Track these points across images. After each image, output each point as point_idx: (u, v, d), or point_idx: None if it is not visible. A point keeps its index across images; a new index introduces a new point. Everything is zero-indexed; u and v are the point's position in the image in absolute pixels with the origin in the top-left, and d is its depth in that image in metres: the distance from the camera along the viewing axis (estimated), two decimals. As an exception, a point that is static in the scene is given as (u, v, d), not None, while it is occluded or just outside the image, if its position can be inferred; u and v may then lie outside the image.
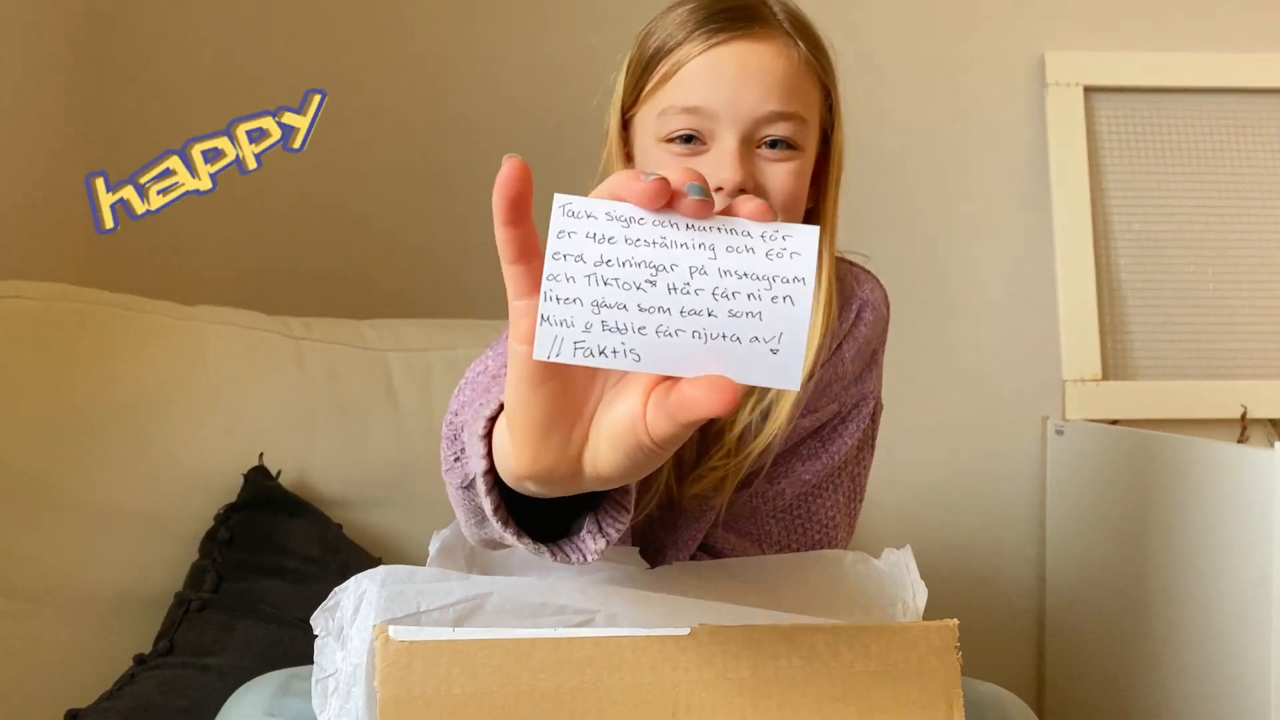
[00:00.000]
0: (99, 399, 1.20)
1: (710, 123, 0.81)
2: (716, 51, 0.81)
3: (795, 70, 0.83)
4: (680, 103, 0.82)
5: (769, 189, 0.82)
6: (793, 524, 0.94)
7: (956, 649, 0.75)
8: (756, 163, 0.82)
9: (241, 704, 0.85)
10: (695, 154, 0.82)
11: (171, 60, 1.65)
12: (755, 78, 0.81)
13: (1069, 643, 1.68)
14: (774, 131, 0.82)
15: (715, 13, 0.82)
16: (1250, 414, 1.69)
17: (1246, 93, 1.78)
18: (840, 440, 0.93)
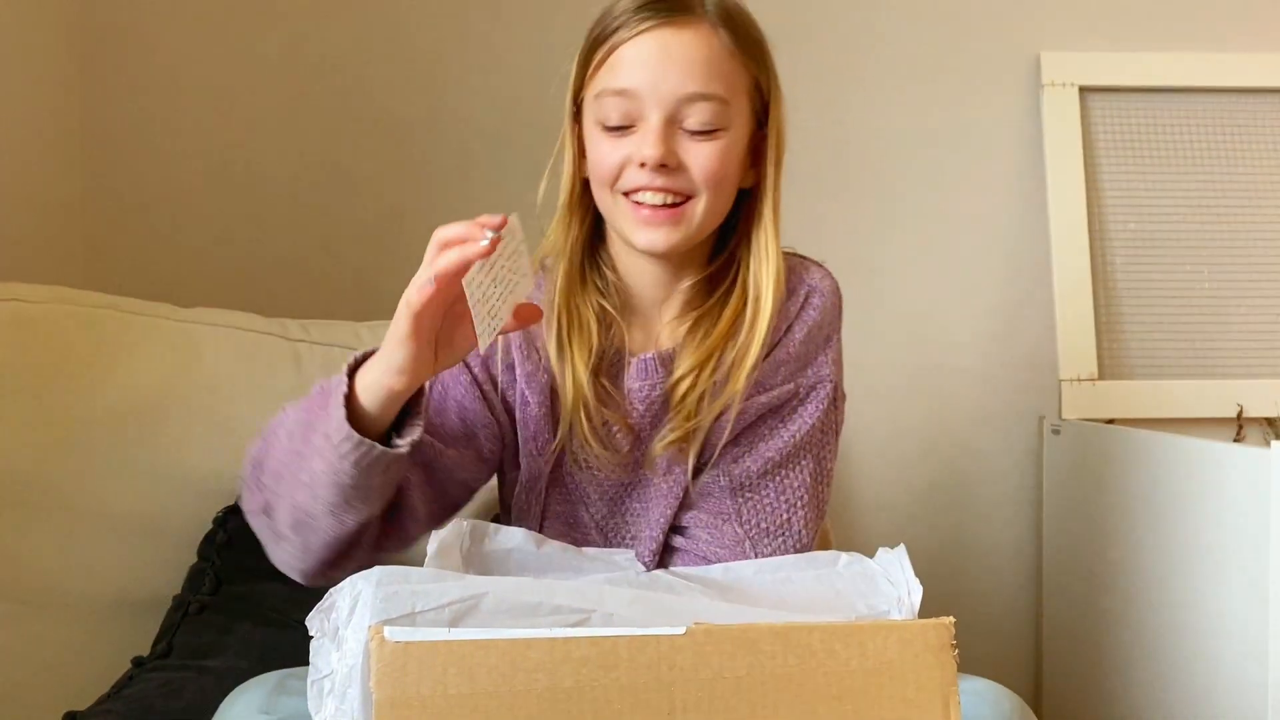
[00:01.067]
0: (95, 401, 1.20)
1: (637, 104, 0.89)
2: (643, 37, 0.89)
3: (716, 55, 0.90)
4: (611, 85, 0.90)
5: (690, 165, 0.90)
6: (759, 501, 0.98)
7: (953, 646, 0.75)
8: (680, 141, 0.90)
9: (237, 703, 0.85)
10: (624, 136, 0.91)
11: (169, 64, 1.65)
12: (676, 61, 0.89)
13: (1066, 641, 1.68)
14: (694, 112, 0.90)
15: (649, 2, 0.90)
16: (1246, 413, 1.70)
17: (1241, 92, 1.78)
18: (800, 419, 0.98)
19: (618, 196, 0.93)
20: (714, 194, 0.92)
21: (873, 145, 1.76)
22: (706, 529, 0.98)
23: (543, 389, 0.98)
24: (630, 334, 0.99)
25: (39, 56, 1.54)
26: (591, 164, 0.94)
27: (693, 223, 0.93)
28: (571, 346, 0.96)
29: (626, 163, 0.91)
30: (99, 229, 1.64)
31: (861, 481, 1.77)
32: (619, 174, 0.92)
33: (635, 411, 0.97)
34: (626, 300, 1.00)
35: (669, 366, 0.97)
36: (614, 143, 0.91)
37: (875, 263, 1.76)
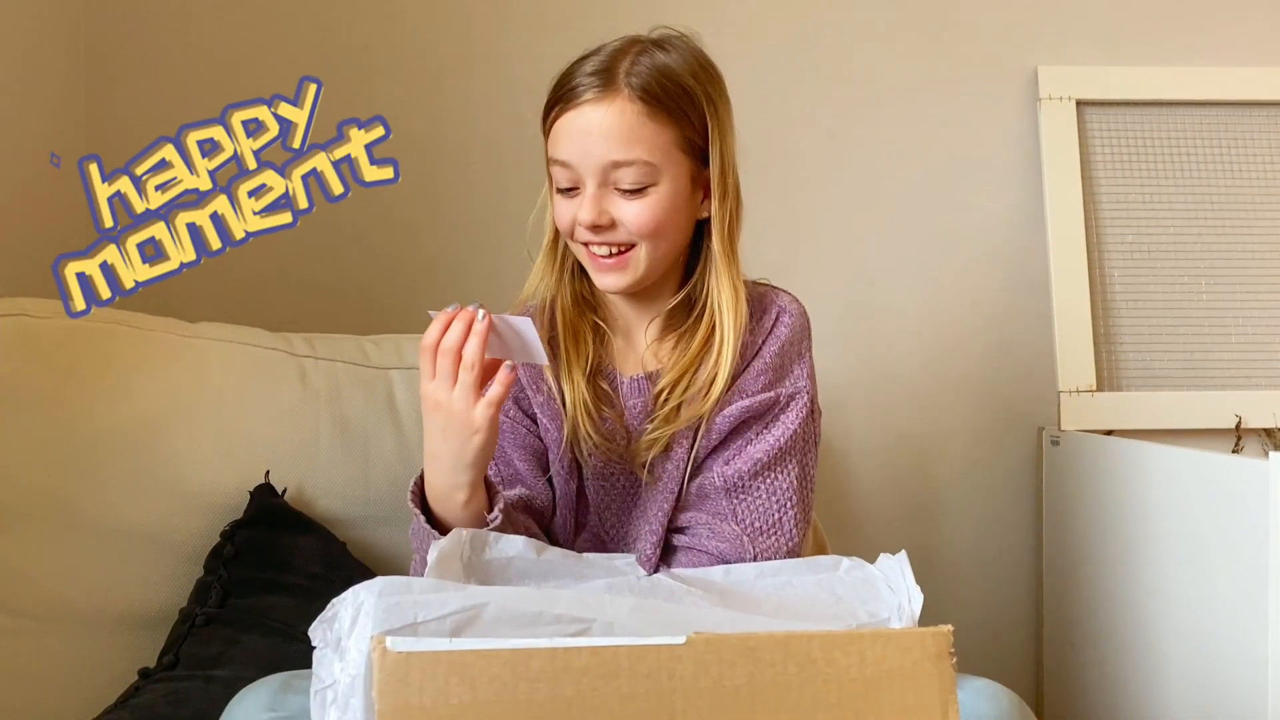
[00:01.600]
0: (102, 416, 1.21)
1: (575, 171, 1.01)
2: (571, 113, 1.01)
3: (631, 124, 0.99)
4: (555, 156, 1.02)
5: (624, 221, 1.01)
6: (753, 501, 1.05)
7: (952, 654, 0.75)
8: (613, 200, 1.01)
9: (244, 702, 0.87)
10: (571, 197, 1.02)
11: (173, 76, 1.66)
12: (596, 135, 0.99)
13: (1066, 650, 1.68)
14: (622, 176, 1.00)
15: (570, 80, 1.01)
16: (1245, 424, 1.70)
17: (1237, 105, 1.79)
18: (783, 425, 1.07)
19: (578, 246, 1.05)
20: (653, 241, 1.03)
21: (871, 158, 1.77)
22: (708, 526, 1.05)
23: (555, 412, 1.08)
24: (618, 350, 1.11)
25: (44, 69, 1.55)
26: (555, 219, 1.06)
27: (640, 266, 1.04)
28: (568, 354, 1.07)
29: (574, 220, 1.02)
30: (105, 245, 1.64)
31: (862, 491, 1.77)
32: (571, 230, 1.03)
33: (630, 419, 1.08)
34: (613, 322, 1.11)
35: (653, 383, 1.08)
36: (565, 202, 1.03)
37: (874, 275, 1.77)
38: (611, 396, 1.08)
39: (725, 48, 1.58)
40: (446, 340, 0.91)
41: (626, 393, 1.08)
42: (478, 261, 1.69)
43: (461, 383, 0.91)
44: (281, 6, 1.68)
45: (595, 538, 1.09)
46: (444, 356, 0.91)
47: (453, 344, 0.91)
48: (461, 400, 0.91)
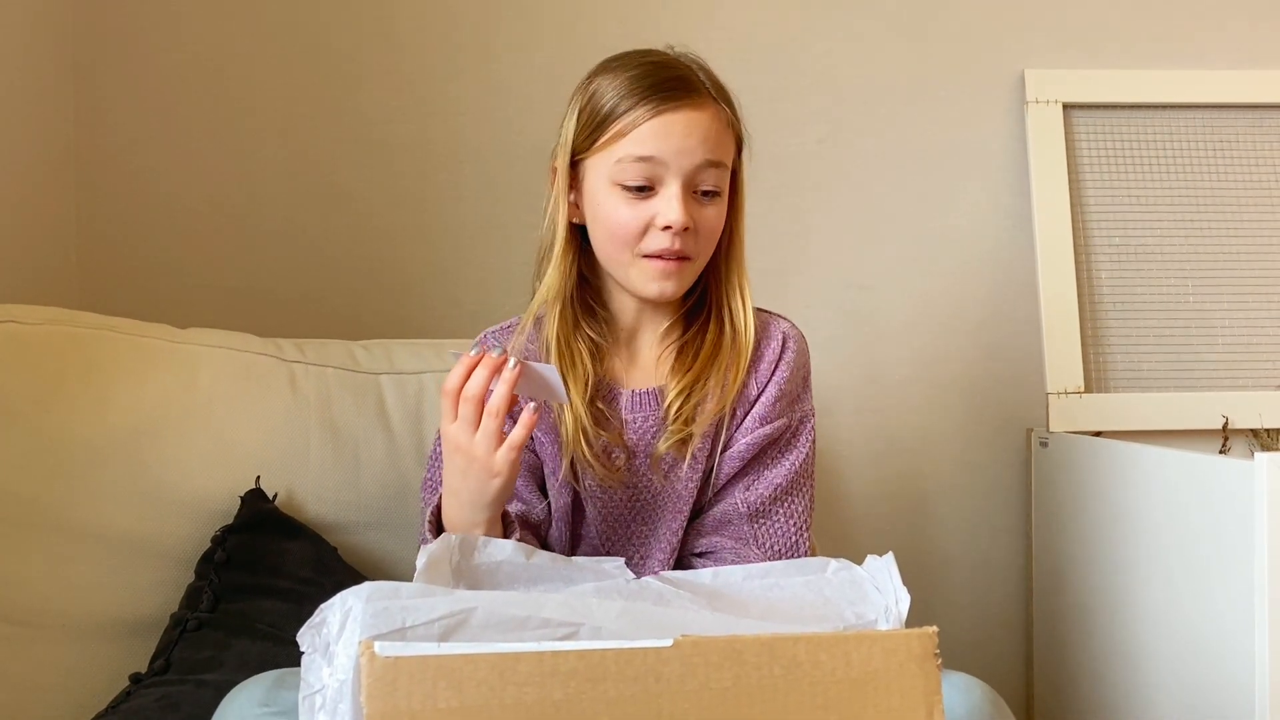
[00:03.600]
0: (92, 422, 1.21)
1: (660, 170, 1.02)
2: (667, 116, 1.02)
3: (720, 127, 1.05)
4: (636, 152, 1.02)
5: (701, 227, 1.04)
6: (773, 526, 1.09)
7: (936, 656, 0.75)
8: (694, 205, 1.04)
9: (237, 698, 0.88)
10: (644, 198, 1.03)
11: (164, 85, 1.66)
12: (697, 136, 1.03)
13: (1055, 651, 1.69)
14: (706, 177, 1.04)
15: (662, 81, 1.03)
16: (1231, 425, 1.71)
17: (1224, 108, 1.79)
18: (797, 449, 1.10)
19: (636, 257, 1.05)
20: (708, 247, 1.07)
21: (860, 164, 1.78)
22: (733, 552, 1.07)
23: (551, 428, 1.09)
24: (619, 364, 1.11)
25: (33, 77, 1.55)
26: (609, 224, 1.05)
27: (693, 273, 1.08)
28: (569, 382, 1.05)
29: (648, 225, 1.03)
30: (94, 250, 1.65)
31: (851, 494, 1.78)
32: (639, 238, 1.04)
33: (631, 435, 1.08)
34: (615, 334, 1.12)
35: (661, 397, 1.09)
36: (633, 204, 1.03)
37: (863, 279, 1.78)
38: (608, 417, 1.08)
39: (714, 53, 1.59)
40: (470, 387, 0.92)
41: (628, 406, 1.09)
42: (467, 267, 1.69)
43: (485, 429, 0.93)
44: (270, 14, 1.68)
45: (595, 552, 1.10)
46: (467, 404, 0.93)
47: (476, 392, 0.92)
48: (484, 446, 0.93)
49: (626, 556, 1.08)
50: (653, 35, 1.17)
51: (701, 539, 1.08)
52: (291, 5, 1.68)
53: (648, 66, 1.05)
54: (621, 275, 1.07)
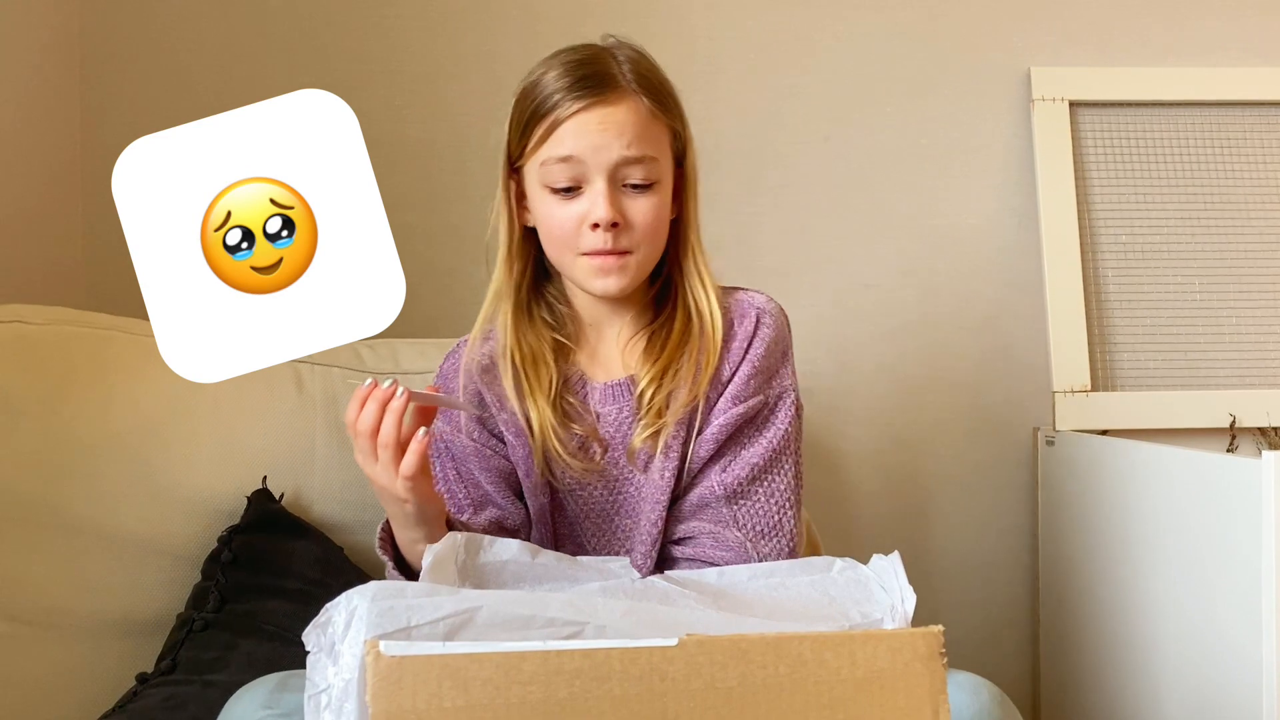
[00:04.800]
0: (98, 422, 1.21)
1: (582, 169, 1.02)
2: (583, 114, 1.02)
3: (642, 120, 1.03)
4: (557, 153, 1.02)
5: (634, 220, 1.03)
6: (753, 506, 1.07)
7: (942, 655, 0.75)
8: (622, 199, 1.03)
9: (241, 701, 0.88)
10: (572, 198, 1.03)
11: (170, 85, 1.67)
12: (612, 132, 1.02)
13: (1062, 651, 1.68)
14: (632, 172, 1.03)
15: (578, 79, 1.03)
16: (1239, 423, 1.70)
17: (1230, 105, 1.79)
18: (775, 426, 1.08)
19: (570, 253, 1.05)
20: (651, 241, 1.06)
21: (865, 161, 1.78)
22: (711, 535, 1.06)
23: (520, 429, 1.08)
24: (585, 359, 1.11)
25: (40, 78, 1.56)
26: (546, 225, 1.06)
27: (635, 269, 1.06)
28: (529, 380, 1.07)
29: (581, 223, 1.03)
30: (100, 250, 1.65)
31: (858, 493, 1.78)
32: (576, 237, 1.04)
33: (607, 428, 1.08)
34: (580, 328, 1.12)
35: (633, 386, 1.08)
36: (564, 205, 1.03)
37: (868, 277, 1.78)
38: (580, 411, 1.08)
39: (718, 51, 1.60)
40: (362, 422, 0.92)
41: (600, 400, 1.09)
42: (472, 266, 1.69)
43: (381, 460, 0.92)
44: (276, 12, 1.68)
45: (579, 549, 1.09)
46: (361, 437, 0.92)
47: (367, 427, 0.91)
48: (384, 477, 0.92)
49: (613, 551, 1.08)
50: (656, 34, 1.17)
51: (679, 525, 1.07)
52: (297, 7, 1.69)
53: (568, 64, 1.05)
54: (569, 274, 1.08)
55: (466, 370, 1.10)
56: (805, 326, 1.24)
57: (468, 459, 1.09)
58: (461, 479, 1.10)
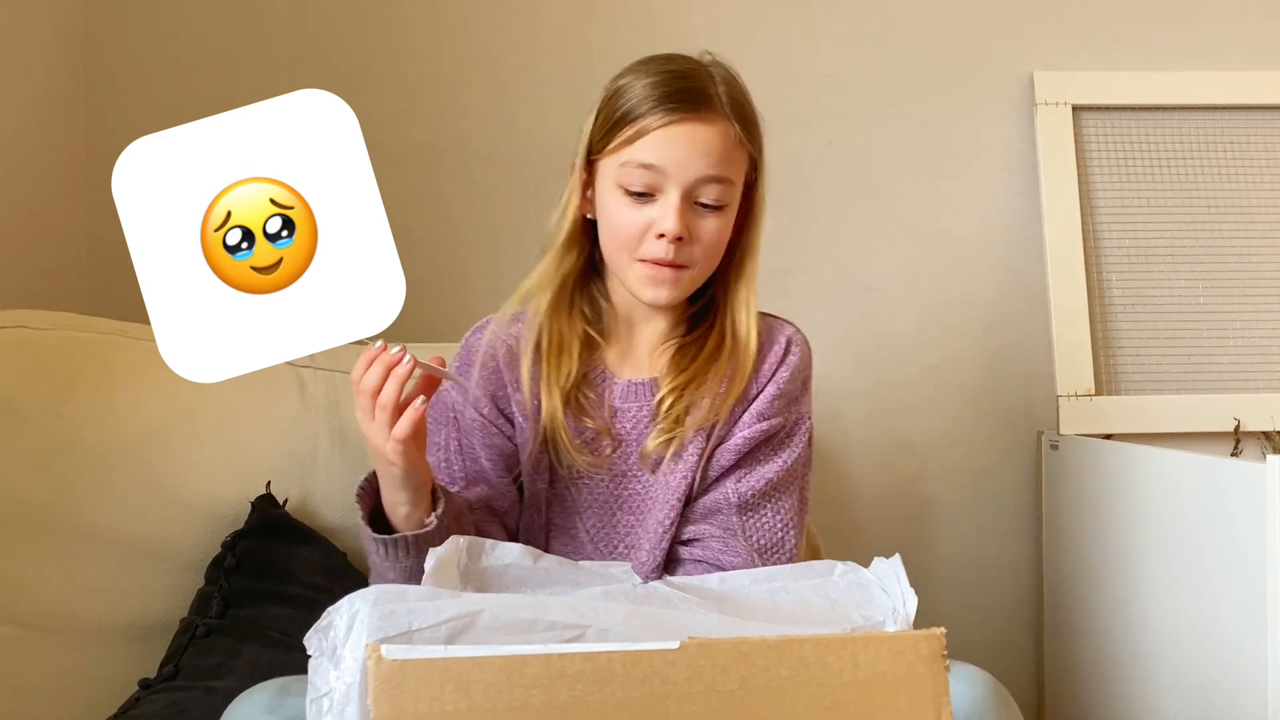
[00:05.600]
0: (102, 426, 1.22)
1: (660, 179, 1.04)
2: (675, 127, 1.04)
3: (729, 144, 1.06)
4: (640, 159, 1.04)
5: (699, 237, 1.06)
6: (760, 520, 1.09)
7: (944, 657, 0.75)
8: (692, 216, 1.05)
9: (242, 706, 0.88)
10: (644, 204, 1.05)
11: (174, 90, 1.67)
12: (699, 150, 1.04)
13: (1067, 655, 1.68)
14: (707, 191, 1.05)
15: (674, 91, 1.05)
16: (1244, 427, 1.70)
17: (1233, 109, 1.79)
18: (791, 448, 1.11)
19: (633, 260, 1.07)
20: (708, 260, 1.08)
21: (868, 165, 1.78)
22: (720, 540, 1.08)
23: (532, 414, 1.10)
24: (614, 355, 1.13)
25: (44, 83, 1.56)
26: (611, 224, 1.07)
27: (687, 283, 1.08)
28: (550, 367, 1.09)
29: (647, 230, 1.05)
30: (104, 255, 1.65)
31: (862, 497, 1.78)
32: (639, 242, 1.06)
33: (623, 424, 1.10)
34: (613, 326, 1.14)
35: (654, 389, 1.11)
36: (634, 209, 1.05)
37: (872, 281, 1.78)
38: (597, 405, 1.10)
39: (721, 54, 1.58)
40: (365, 382, 0.94)
41: (621, 396, 1.11)
42: (477, 270, 1.70)
43: (377, 420, 0.93)
44: (280, 15, 1.69)
45: (574, 540, 1.10)
46: (361, 395, 0.94)
47: (369, 387, 0.93)
48: (378, 437, 0.94)
49: (611, 546, 1.09)
50: (660, 39, 1.17)
51: (689, 526, 1.09)
52: (300, 12, 1.69)
53: (666, 75, 1.06)
54: (621, 275, 1.09)
55: (490, 346, 1.12)
56: (808, 330, 1.24)
57: (471, 432, 1.11)
58: (461, 451, 1.11)
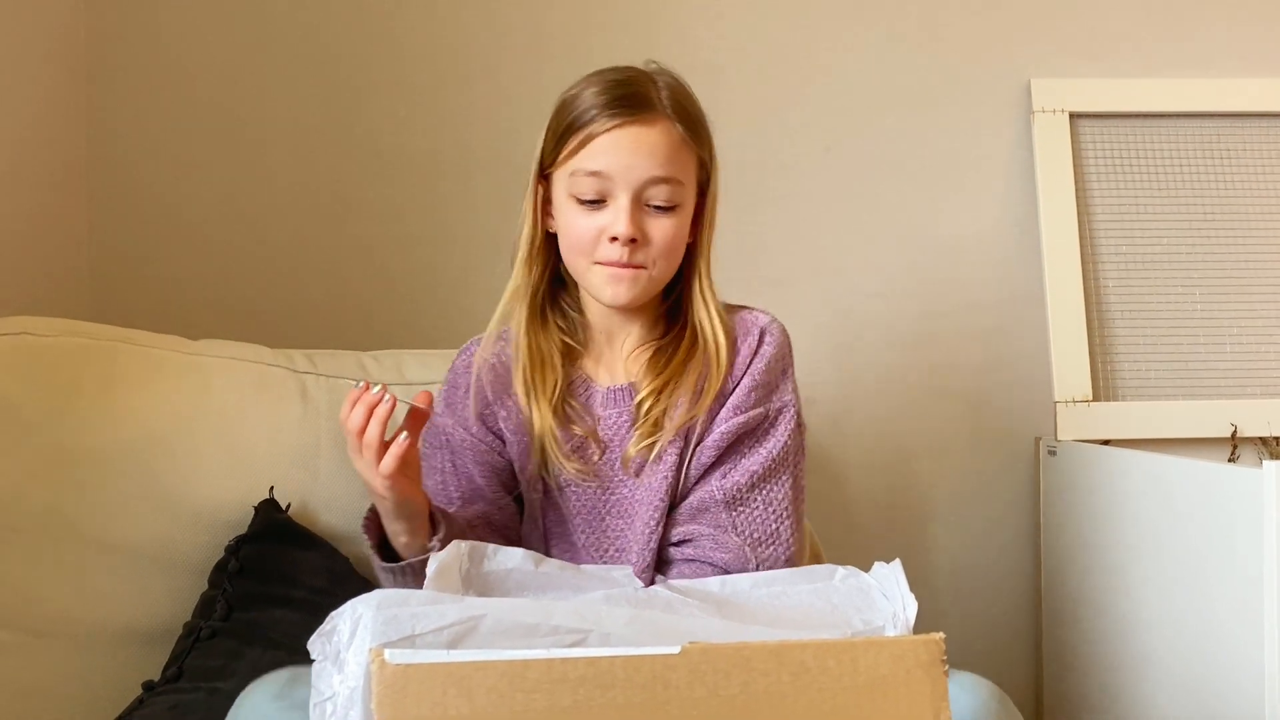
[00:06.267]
0: (105, 433, 1.22)
1: (609, 184, 1.06)
2: (617, 131, 1.06)
3: (674, 145, 1.08)
4: (587, 167, 1.07)
5: (652, 238, 1.07)
6: (750, 513, 1.10)
7: (943, 662, 0.76)
8: (644, 218, 1.07)
9: (253, 695, 0.89)
10: (596, 210, 1.07)
11: (176, 96, 1.67)
12: (644, 152, 1.06)
13: (1065, 660, 1.68)
14: (656, 193, 1.07)
15: (617, 98, 1.07)
16: (1240, 433, 1.70)
17: (1230, 117, 1.79)
18: (774, 438, 1.12)
19: (585, 261, 1.09)
20: (666, 260, 1.10)
21: (866, 172, 1.78)
22: (711, 539, 1.09)
23: (519, 426, 1.12)
24: (593, 363, 1.15)
25: (46, 90, 1.57)
26: (567, 233, 1.10)
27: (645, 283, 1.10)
28: (536, 381, 1.11)
29: (600, 235, 1.07)
30: (106, 262, 1.66)
31: (860, 503, 1.78)
32: (594, 247, 1.08)
33: (606, 430, 1.12)
34: (589, 335, 1.16)
35: (633, 393, 1.12)
36: (588, 216, 1.07)
37: (870, 287, 1.78)
38: (582, 413, 1.12)
39: (720, 62, 1.60)
40: (350, 422, 0.99)
41: (602, 403, 1.13)
42: (477, 277, 1.70)
43: (365, 458, 0.99)
44: (282, 22, 1.69)
45: (571, 547, 1.12)
46: (349, 436, 1.00)
47: (354, 427, 0.99)
48: (367, 472, 1.00)
49: (603, 551, 1.10)
50: (662, 48, 1.18)
51: (678, 528, 1.10)
52: (302, 18, 1.70)
53: (610, 83, 1.09)
54: (583, 281, 1.11)
55: (478, 367, 1.14)
56: (807, 337, 1.24)
57: (464, 452, 1.14)
58: (456, 471, 1.14)
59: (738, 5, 1.76)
